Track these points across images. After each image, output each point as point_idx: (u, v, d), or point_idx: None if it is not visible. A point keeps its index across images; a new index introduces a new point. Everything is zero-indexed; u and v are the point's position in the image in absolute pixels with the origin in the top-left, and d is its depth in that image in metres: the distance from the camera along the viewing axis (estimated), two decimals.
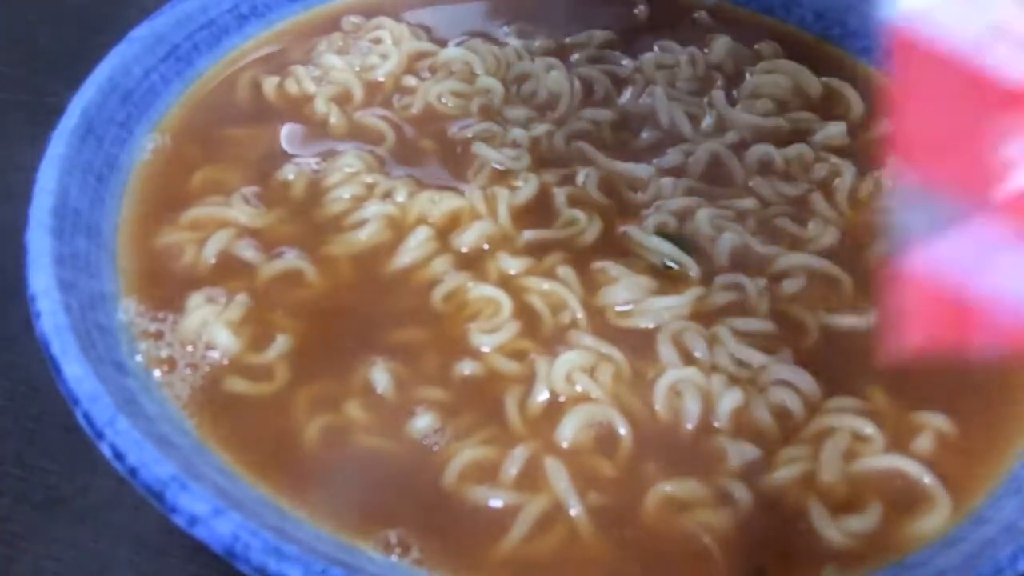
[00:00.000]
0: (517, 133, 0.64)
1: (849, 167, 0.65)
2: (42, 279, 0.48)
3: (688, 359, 0.53)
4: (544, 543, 0.46)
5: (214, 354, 0.51)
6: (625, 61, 0.71)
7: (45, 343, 0.46)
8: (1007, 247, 0.35)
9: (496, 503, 0.47)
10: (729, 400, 0.51)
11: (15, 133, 0.75)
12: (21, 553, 0.53)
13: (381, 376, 0.51)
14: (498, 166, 0.62)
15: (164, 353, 0.51)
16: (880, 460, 0.50)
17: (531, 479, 0.48)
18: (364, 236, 0.57)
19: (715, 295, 0.56)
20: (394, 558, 0.44)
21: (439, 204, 0.59)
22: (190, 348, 0.51)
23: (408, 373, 0.51)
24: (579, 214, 0.59)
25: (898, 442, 0.51)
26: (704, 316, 0.55)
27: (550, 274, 0.56)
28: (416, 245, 0.57)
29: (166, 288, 0.53)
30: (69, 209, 0.52)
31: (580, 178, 0.62)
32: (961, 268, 0.35)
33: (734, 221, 0.60)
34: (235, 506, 0.41)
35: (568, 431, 0.49)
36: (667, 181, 0.62)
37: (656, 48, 0.73)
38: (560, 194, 0.61)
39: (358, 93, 0.67)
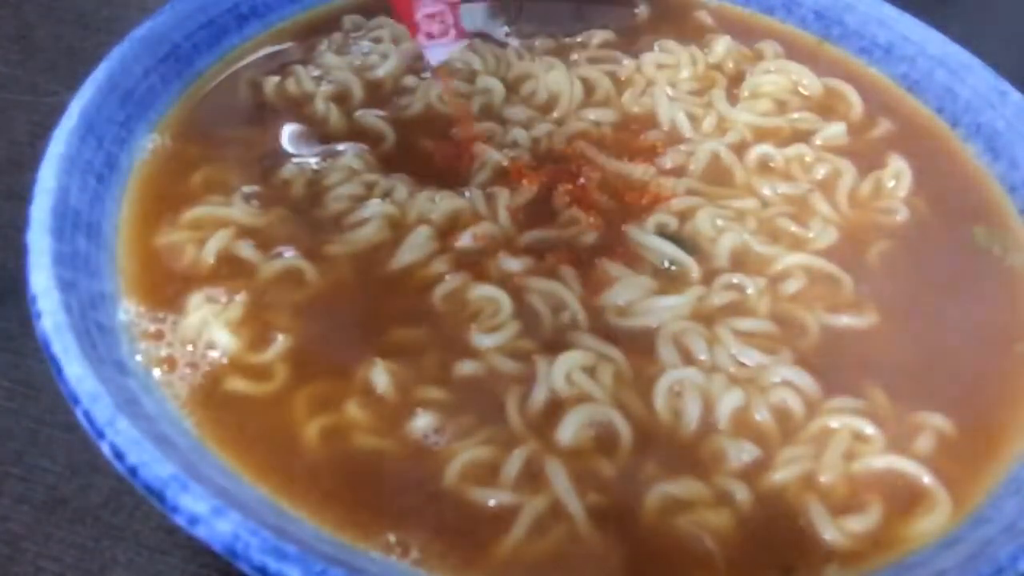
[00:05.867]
0: (517, 133, 0.64)
1: (849, 167, 0.65)
2: (42, 279, 0.48)
3: (688, 359, 0.53)
4: (544, 543, 0.46)
5: (214, 354, 0.51)
6: (625, 61, 0.71)
7: (45, 343, 0.45)
8: None
9: (496, 503, 0.47)
10: (729, 400, 0.51)
11: (15, 133, 0.75)
12: (21, 553, 0.53)
13: (381, 376, 0.50)
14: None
15: (164, 353, 0.51)
16: (880, 460, 0.50)
17: (531, 479, 0.48)
18: (364, 235, 0.57)
19: (715, 295, 0.56)
20: (394, 558, 0.44)
21: (439, 204, 0.59)
22: (190, 348, 0.51)
23: (408, 373, 0.51)
24: (579, 214, 0.60)
25: (898, 442, 0.51)
26: (704, 316, 0.55)
27: (550, 274, 0.56)
28: (416, 245, 0.57)
29: (166, 288, 0.53)
30: (69, 209, 0.52)
31: (580, 178, 0.62)
32: None
33: (734, 221, 0.60)
34: (235, 505, 0.41)
35: (568, 431, 0.49)
36: (667, 181, 0.62)
37: (656, 48, 0.73)
38: (560, 194, 0.61)
39: (358, 92, 0.67)
